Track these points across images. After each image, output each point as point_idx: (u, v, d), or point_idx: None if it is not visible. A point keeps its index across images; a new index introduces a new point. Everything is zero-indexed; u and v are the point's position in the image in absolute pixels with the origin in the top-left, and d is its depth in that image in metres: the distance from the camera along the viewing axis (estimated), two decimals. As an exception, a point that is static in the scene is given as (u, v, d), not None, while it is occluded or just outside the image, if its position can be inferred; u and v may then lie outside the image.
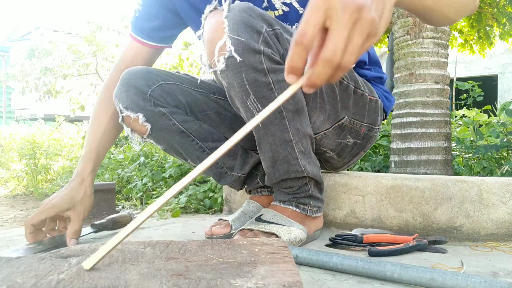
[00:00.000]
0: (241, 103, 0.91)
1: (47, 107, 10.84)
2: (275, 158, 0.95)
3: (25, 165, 4.40)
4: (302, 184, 0.99)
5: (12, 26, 18.34)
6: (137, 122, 1.04)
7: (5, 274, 0.46)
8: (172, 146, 1.09)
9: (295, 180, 0.98)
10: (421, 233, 1.12)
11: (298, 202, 1.00)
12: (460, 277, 0.65)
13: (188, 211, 1.91)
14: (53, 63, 6.25)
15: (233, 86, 0.88)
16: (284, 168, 0.95)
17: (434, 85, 2.07)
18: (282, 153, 0.94)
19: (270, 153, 0.95)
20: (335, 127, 1.07)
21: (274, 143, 0.93)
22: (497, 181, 1.10)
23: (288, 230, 0.93)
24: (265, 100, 0.88)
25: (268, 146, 0.94)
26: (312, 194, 1.00)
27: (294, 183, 0.98)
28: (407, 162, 2.06)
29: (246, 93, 0.88)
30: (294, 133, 0.94)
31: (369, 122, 1.13)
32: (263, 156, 0.97)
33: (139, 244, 0.59)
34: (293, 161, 0.95)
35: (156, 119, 1.04)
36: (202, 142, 1.09)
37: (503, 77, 9.27)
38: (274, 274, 0.46)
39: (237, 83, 0.87)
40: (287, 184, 0.98)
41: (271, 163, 0.96)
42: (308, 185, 0.99)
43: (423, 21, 0.83)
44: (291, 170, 0.95)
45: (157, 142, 1.09)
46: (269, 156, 0.95)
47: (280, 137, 0.93)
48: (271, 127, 0.92)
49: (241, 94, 0.88)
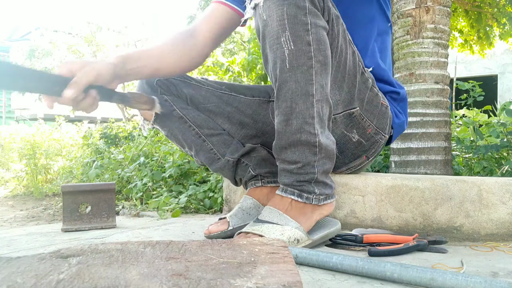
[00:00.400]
0: (275, 39, 0.89)
1: (47, 107, 10.84)
2: (292, 109, 0.90)
3: (25, 165, 4.40)
4: (310, 157, 0.93)
5: (12, 26, 18.33)
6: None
7: (5, 274, 0.46)
8: (173, 132, 1.19)
9: (303, 148, 0.92)
10: (421, 233, 1.12)
11: (302, 190, 0.95)
12: (460, 277, 0.65)
13: (188, 211, 1.91)
14: (53, 63, 6.25)
15: (271, 20, 0.88)
16: (298, 123, 0.91)
17: (434, 85, 2.07)
18: (301, 105, 0.90)
19: (288, 102, 0.90)
20: (345, 114, 1.08)
21: (296, 92, 0.90)
22: (497, 181, 1.10)
23: (280, 231, 0.91)
24: (298, 39, 0.88)
25: (289, 94, 0.90)
26: (317, 179, 0.95)
27: (301, 154, 0.92)
28: (407, 162, 2.06)
29: (282, 28, 0.88)
30: (317, 89, 0.91)
31: (377, 125, 1.14)
32: (279, 108, 0.93)
33: (139, 244, 0.59)
34: (309, 119, 0.91)
35: (160, 105, 1.15)
36: (198, 128, 1.17)
37: (503, 77, 9.28)
38: (274, 274, 0.46)
39: (277, 15, 0.87)
40: (293, 155, 0.93)
41: (285, 116, 0.91)
42: (316, 163, 0.93)
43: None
44: (304, 130, 0.91)
45: (161, 128, 1.20)
46: (286, 106, 0.91)
47: (303, 87, 0.89)
48: (298, 72, 0.89)
49: (277, 29, 0.88)
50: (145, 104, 1.09)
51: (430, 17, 2.04)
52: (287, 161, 0.95)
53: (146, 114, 1.19)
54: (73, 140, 5.58)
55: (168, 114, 1.17)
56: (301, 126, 0.91)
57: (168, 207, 1.83)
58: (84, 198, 1.35)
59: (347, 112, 1.08)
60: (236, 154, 1.17)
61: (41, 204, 3.25)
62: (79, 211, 1.35)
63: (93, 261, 0.51)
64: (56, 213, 2.71)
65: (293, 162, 0.94)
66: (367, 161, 1.22)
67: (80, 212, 1.35)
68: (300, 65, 0.89)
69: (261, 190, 1.17)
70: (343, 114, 1.08)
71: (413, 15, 2.06)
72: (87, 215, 1.35)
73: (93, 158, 3.70)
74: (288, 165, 0.95)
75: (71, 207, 1.34)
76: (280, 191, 0.97)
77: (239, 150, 1.18)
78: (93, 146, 4.27)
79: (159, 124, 1.19)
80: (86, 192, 1.36)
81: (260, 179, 1.17)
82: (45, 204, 3.26)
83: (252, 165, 1.16)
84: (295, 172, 0.94)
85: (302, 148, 0.92)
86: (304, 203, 0.95)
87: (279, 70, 0.90)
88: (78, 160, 4.23)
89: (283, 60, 0.89)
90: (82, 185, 1.37)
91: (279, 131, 0.94)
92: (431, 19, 2.04)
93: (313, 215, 0.97)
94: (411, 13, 2.07)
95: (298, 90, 0.90)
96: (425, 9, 2.04)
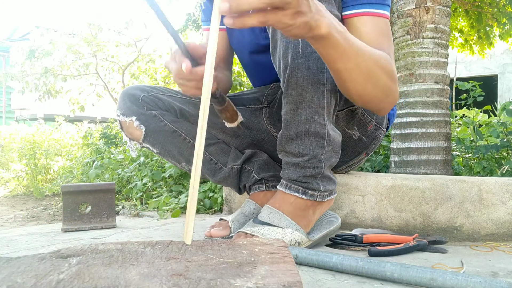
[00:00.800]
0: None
1: (47, 107, 10.84)
2: (302, 97, 0.87)
3: (25, 165, 4.40)
4: (317, 150, 0.90)
5: (12, 26, 18.35)
6: (132, 126, 1.11)
7: (5, 274, 0.46)
8: (166, 148, 1.13)
9: (311, 140, 0.89)
10: (421, 233, 1.12)
11: (306, 187, 0.92)
12: (460, 277, 0.65)
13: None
14: (53, 63, 6.25)
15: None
16: (308, 113, 0.88)
17: (434, 85, 2.07)
18: (311, 94, 0.87)
19: (298, 90, 0.87)
20: (348, 111, 1.05)
21: (307, 80, 0.86)
22: (497, 181, 1.10)
23: (281, 234, 0.90)
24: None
25: (300, 81, 0.87)
26: (323, 173, 0.92)
27: (309, 146, 0.90)
28: (407, 162, 2.06)
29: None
30: (329, 78, 0.87)
31: (377, 121, 1.13)
32: (288, 96, 0.89)
33: (139, 244, 0.59)
34: (319, 109, 0.88)
35: (149, 121, 1.11)
36: (193, 140, 1.11)
37: (503, 77, 9.28)
38: (274, 274, 0.46)
39: None
40: (300, 147, 0.90)
41: (295, 105, 0.88)
42: (322, 156, 0.90)
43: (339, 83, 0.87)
44: (313, 120, 0.88)
45: (152, 145, 1.13)
46: (296, 94, 0.88)
47: (315, 75, 0.86)
48: (310, 59, 0.86)
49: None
50: (234, 114, 1.03)
51: (430, 17, 2.04)
52: (292, 153, 0.92)
53: (133, 134, 1.12)
54: (73, 140, 5.58)
55: (159, 130, 1.11)
56: (311, 116, 0.88)
57: (168, 207, 1.83)
58: (84, 198, 1.35)
59: (349, 109, 1.06)
60: (238, 161, 1.13)
61: (41, 204, 3.25)
62: (79, 211, 1.35)
63: (93, 261, 0.51)
64: (56, 213, 2.71)
65: (299, 155, 0.91)
66: (366, 157, 1.22)
67: (80, 212, 1.35)
68: (313, 51, 0.85)
69: (264, 195, 1.13)
70: (345, 110, 1.05)
71: (413, 15, 2.06)
72: (87, 215, 1.35)
73: (93, 158, 3.70)
74: (294, 158, 0.92)
75: (71, 207, 1.34)
76: (283, 188, 0.95)
77: (240, 156, 1.15)
78: (93, 146, 4.27)
79: (150, 142, 1.12)
80: (86, 192, 1.36)
81: (264, 183, 1.13)
82: (45, 204, 3.27)
83: (255, 169, 1.13)
84: (301, 166, 0.91)
85: (309, 139, 0.89)
86: (307, 200, 0.93)
87: (291, 56, 0.86)
88: (78, 160, 4.23)
89: (296, 45, 0.86)
90: (82, 185, 1.37)
91: (287, 120, 0.90)
92: (431, 19, 2.04)
93: (314, 214, 0.96)
94: (411, 13, 2.07)
95: (310, 78, 0.86)
96: (425, 9, 2.04)
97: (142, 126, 1.10)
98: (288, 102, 0.89)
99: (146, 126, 1.10)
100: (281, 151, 0.95)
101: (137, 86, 1.17)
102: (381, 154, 2.48)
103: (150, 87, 1.17)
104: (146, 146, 1.14)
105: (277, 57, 0.91)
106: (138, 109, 1.11)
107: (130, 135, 1.14)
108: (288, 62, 0.87)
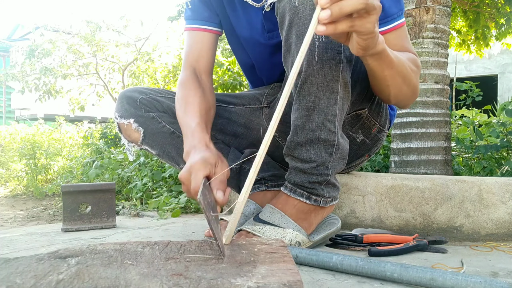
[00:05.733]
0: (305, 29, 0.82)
1: (47, 107, 10.85)
2: (315, 104, 0.87)
3: (25, 165, 4.40)
4: (325, 157, 0.89)
5: (12, 26, 18.34)
6: (130, 128, 1.12)
7: (4, 274, 0.46)
8: (165, 149, 1.13)
9: (320, 147, 0.89)
10: (421, 233, 1.12)
11: (311, 193, 0.92)
12: (460, 277, 0.65)
13: (188, 211, 1.90)
14: (53, 63, 6.25)
15: (305, 7, 0.83)
16: (319, 120, 0.87)
17: (434, 85, 2.07)
18: (324, 101, 0.87)
19: (311, 97, 0.87)
20: (353, 115, 1.05)
21: (321, 87, 0.86)
22: (497, 181, 1.10)
23: (282, 234, 0.90)
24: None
25: (314, 88, 0.86)
26: (330, 181, 0.92)
27: (317, 153, 0.89)
28: (407, 162, 2.06)
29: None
30: (341, 86, 0.87)
31: (381, 123, 1.13)
32: (300, 102, 0.89)
33: (138, 245, 0.59)
34: (330, 117, 0.87)
35: (147, 123, 1.11)
36: None
37: (503, 77, 9.27)
38: (274, 273, 0.46)
39: (311, 4, 0.82)
40: (308, 153, 0.89)
41: (307, 111, 0.88)
42: (330, 163, 0.90)
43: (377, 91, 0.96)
44: (324, 127, 0.87)
45: (151, 147, 1.13)
46: (309, 101, 0.87)
47: (329, 83, 0.86)
48: (325, 66, 0.85)
49: (310, 18, 0.81)
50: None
51: (430, 17, 2.04)
52: (300, 159, 0.91)
53: (132, 136, 1.12)
54: (73, 140, 5.59)
55: (157, 132, 1.11)
56: (322, 123, 0.87)
57: (168, 207, 1.83)
58: (84, 198, 1.35)
59: (355, 113, 1.05)
60: (237, 161, 1.12)
61: (41, 204, 3.25)
62: (79, 211, 1.34)
63: (92, 261, 0.51)
64: (56, 213, 2.71)
65: (307, 161, 0.90)
66: (368, 159, 1.22)
67: (80, 212, 1.35)
68: (329, 59, 0.85)
69: (264, 195, 1.13)
70: (351, 115, 1.05)
71: (413, 15, 2.06)
72: (87, 215, 1.35)
73: (93, 158, 3.70)
74: (302, 164, 0.91)
75: (71, 207, 1.34)
76: (287, 191, 0.94)
77: (239, 156, 1.14)
78: (93, 146, 4.27)
79: (148, 144, 1.13)
80: (86, 192, 1.35)
81: (264, 182, 1.13)
82: (45, 204, 3.27)
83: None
84: (308, 172, 0.91)
85: (318, 146, 0.89)
86: (311, 204, 0.93)
87: (306, 62, 0.85)
88: (78, 160, 4.23)
89: (313, 51, 0.85)
90: (82, 185, 1.37)
91: (297, 126, 0.90)
92: (431, 19, 2.04)
93: (316, 218, 0.96)
94: (411, 13, 2.07)
95: (324, 85, 0.86)
96: (425, 9, 2.04)
97: (140, 128, 1.11)
98: (300, 108, 0.89)
99: (144, 128, 1.11)
100: (288, 155, 0.94)
101: (135, 88, 1.17)
102: (381, 154, 2.48)
103: (148, 89, 1.17)
104: (145, 148, 1.14)
105: (289, 60, 0.91)
106: (136, 111, 1.11)
107: (128, 137, 1.14)
108: (302, 68, 0.87)
